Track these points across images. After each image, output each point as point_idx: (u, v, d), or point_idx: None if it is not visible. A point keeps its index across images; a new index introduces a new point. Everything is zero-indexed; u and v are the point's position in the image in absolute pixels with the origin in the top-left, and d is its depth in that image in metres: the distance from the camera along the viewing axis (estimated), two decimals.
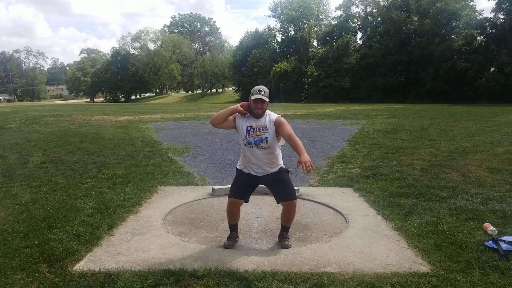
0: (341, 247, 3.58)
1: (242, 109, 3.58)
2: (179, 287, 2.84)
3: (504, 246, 3.38)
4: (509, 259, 3.20)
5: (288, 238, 3.74)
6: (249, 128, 3.55)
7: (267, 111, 3.57)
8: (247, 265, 3.17)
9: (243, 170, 3.69)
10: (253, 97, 3.48)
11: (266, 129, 3.49)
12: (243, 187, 3.69)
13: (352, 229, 4.06)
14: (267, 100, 3.47)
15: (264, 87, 3.52)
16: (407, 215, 4.37)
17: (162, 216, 4.51)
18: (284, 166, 3.69)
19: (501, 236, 3.61)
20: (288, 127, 3.45)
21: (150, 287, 2.84)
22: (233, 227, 3.79)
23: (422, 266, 3.15)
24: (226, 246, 3.65)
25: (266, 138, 3.49)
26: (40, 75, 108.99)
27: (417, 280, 2.90)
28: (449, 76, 38.33)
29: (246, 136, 3.55)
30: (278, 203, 3.68)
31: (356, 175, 6.55)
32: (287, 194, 3.57)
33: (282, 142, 3.62)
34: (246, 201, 3.73)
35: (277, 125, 3.47)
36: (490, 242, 3.48)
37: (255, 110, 3.51)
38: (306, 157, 3.15)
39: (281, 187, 3.61)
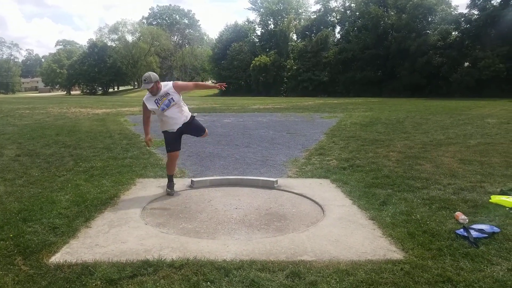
0: (318, 236, 3.64)
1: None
2: (157, 277, 2.84)
3: (474, 234, 3.50)
4: (479, 246, 3.31)
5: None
6: (156, 101, 4.82)
7: (162, 84, 4.82)
8: (225, 255, 3.20)
9: (168, 130, 5.01)
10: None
11: (168, 94, 4.80)
12: (176, 141, 5.06)
13: (329, 218, 4.13)
14: (152, 84, 4.67)
15: (146, 75, 4.68)
16: (382, 205, 4.48)
17: (140, 208, 4.48)
18: (192, 114, 5.16)
19: (472, 224, 3.74)
20: (181, 83, 5.01)
21: (128, 277, 2.83)
22: (171, 177, 5.11)
23: (395, 253, 3.24)
24: (169, 194, 4.96)
25: (172, 98, 4.82)
26: (14, 67, 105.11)
27: (390, 267, 2.98)
28: (425, 70, 38.98)
29: (157, 106, 4.82)
30: (197, 136, 5.47)
31: (333, 166, 6.65)
32: (199, 131, 5.28)
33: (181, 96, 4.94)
34: (179, 150, 5.19)
35: (177, 88, 4.87)
36: (461, 230, 3.60)
37: (151, 92, 4.79)
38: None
39: (194, 128, 5.22)
